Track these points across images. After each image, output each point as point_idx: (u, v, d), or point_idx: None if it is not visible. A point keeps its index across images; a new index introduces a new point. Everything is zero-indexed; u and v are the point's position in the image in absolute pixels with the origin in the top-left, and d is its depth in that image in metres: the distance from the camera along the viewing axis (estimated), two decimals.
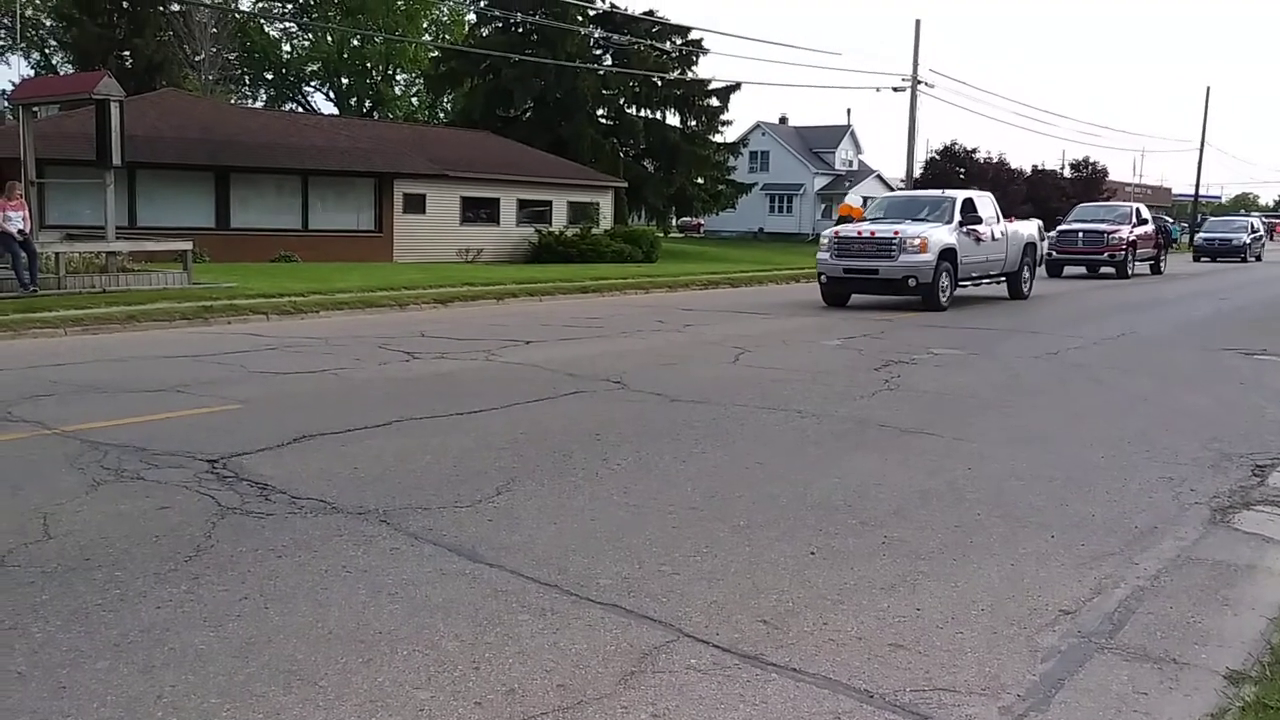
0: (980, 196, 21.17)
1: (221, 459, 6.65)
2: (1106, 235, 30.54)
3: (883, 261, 18.47)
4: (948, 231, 19.02)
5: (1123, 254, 30.40)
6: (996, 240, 20.71)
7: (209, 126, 30.07)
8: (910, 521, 5.69)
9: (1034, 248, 22.71)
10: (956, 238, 19.08)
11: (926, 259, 18.25)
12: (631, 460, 6.93)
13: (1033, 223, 23.66)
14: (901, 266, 18.29)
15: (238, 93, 63.14)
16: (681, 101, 47.36)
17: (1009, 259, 21.34)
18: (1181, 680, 3.85)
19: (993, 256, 20.64)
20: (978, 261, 20.00)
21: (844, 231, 19.51)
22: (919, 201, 21.31)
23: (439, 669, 3.77)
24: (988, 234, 20.30)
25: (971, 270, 19.86)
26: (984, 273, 20.49)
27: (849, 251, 18.98)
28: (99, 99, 18.33)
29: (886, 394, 9.78)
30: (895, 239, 18.39)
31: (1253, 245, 46.39)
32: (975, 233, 19.74)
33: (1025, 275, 22.12)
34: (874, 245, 18.67)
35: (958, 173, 57.37)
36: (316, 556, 4.92)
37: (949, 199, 20.36)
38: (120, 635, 3.99)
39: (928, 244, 18.30)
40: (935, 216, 19.61)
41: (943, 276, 18.57)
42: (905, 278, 18.29)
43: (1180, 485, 6.58)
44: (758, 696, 3.63)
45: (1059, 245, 31.08)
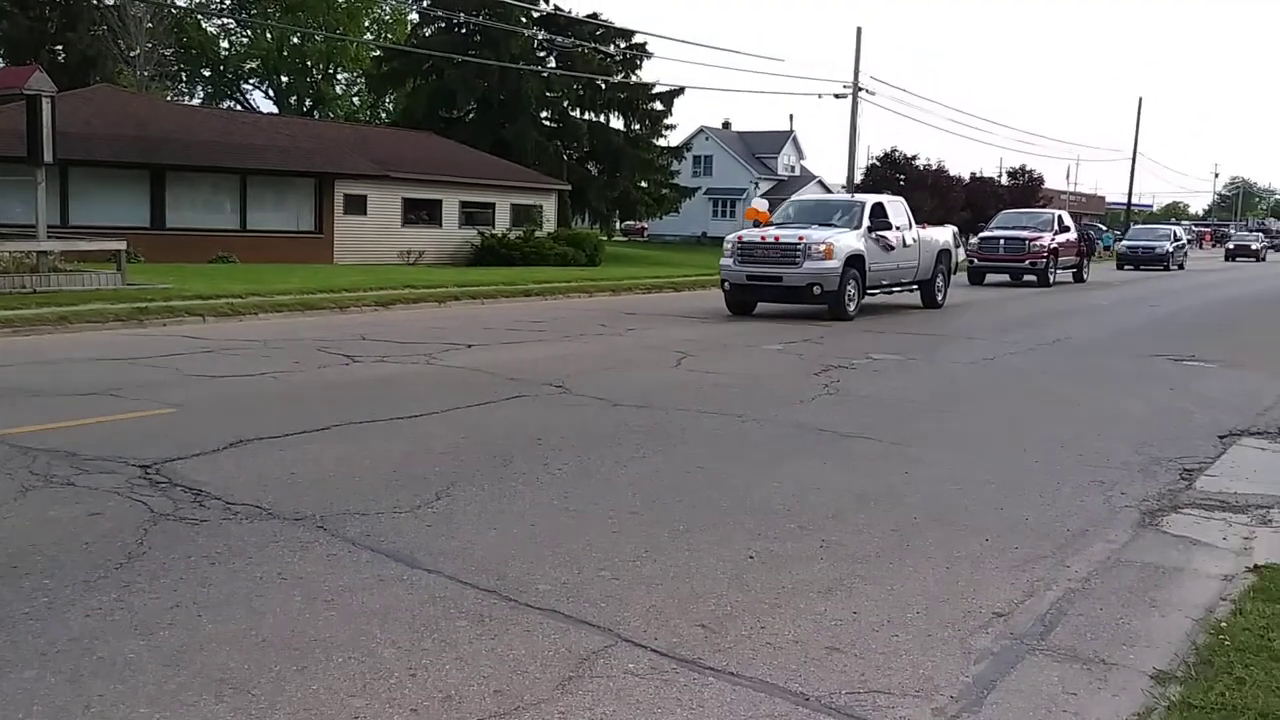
0: (892, 201, 20.47)
1: (155, 464, 6.54)
2: (1028, 242, 30.08)
3: (786, 268, 17.61)
4: (855, 237, 18.27)
5: (1044, 261, 29.94)
6: (908, 247, 19.97)
7: (144, 124, 29.54)
8: (848, 525, 5.75)
9: (948, 255, 21.97)
10: (864, 244, 18.38)
11: (832, 266, 17.42)
12: (572, 465, 6.92)
13: (947, 229, 22.91)
14: (806, 273, 17.46)
15: (174, 89, 62.08)
16: (625, 105, 47.41)
17: (922, 266, 20.62)
18: (1110, 680, 3.93)
19: (904, 264, 19.98)
20: (888, 269, 19.34)
21: (747, 236, 18.48)
22: (828, 206, 20.74)
23: (375, 676, 3.74)
24: (898, 240, 19.57)
25: (881, 278, 19.17)
26: (895, 280, 19.83)
27: (752, 257, 18.13)
28: (30, 94, 17.93)
29: (826, 399, 9.86)
30: (799, 245, 17.51)
31: (1175, 254, 46.18)
32: (885, 239, 18.99)
33: (939, 283, 21.39)
34: (778, 251, 17.80)
35: (898, 179, 58.00)
36: (251, 563, 4.85)
37: (858, 204, 19.60)
38: (48, 644, 3.91)
39: (833, 250, 17.47)
40: (844, 222, 18.84)
41: (849, 284, 17.84)
42: (809, 285, 17.47)
43: (1111, 489, 6.71)
44: (695, 700, 3.64)
45: (980, 252, 30.87)
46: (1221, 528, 5.96)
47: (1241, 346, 15.53)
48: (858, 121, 42.81)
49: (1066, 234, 31.84)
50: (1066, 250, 31.62)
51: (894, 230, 19.45)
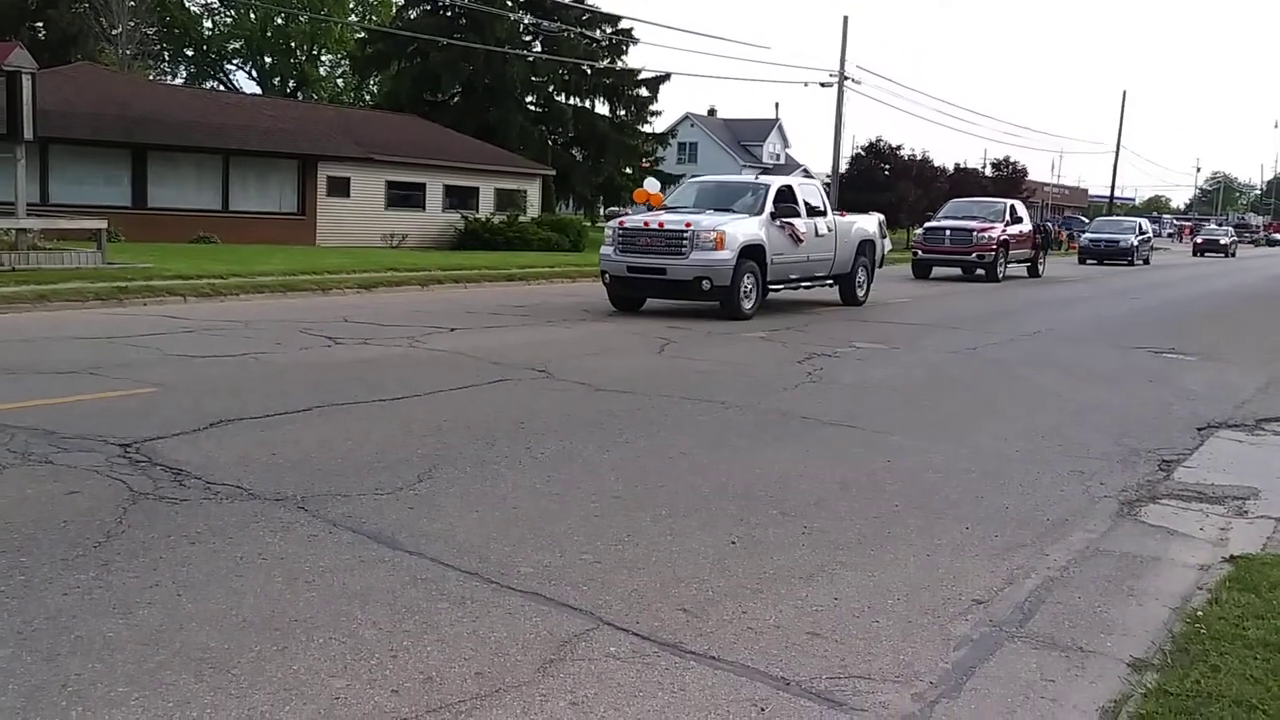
0: (803, 185, 18.34)
1: (135, 443, 6.50)
2: (975, 234, 27.84)
3: (671, 259, 15.39)
4: (756, 225, 16.05)
5: (992, 254, 27.81)
6: (822, 237, 17.65)
7: (126, 102, 29.28)
8: (830, 512, 5.76)
9: (872, 246, 19.63)
10: (766, 232, 16.14)
11: (723, 257, 15.22)
12: (555, 449, 6.92)
13: (872, 217, 20.67)
14: (692, 265, 15.24)
15: (156, 69, 61.51)
16: (611, 91, 47.26)
17: (839, 258, 18.30)
18: (1087, 668, 3.95)
19: (817, 255, 17.68)
20: (796, 261, 17.09)
21: (629, 222, 16.26)
22: (733, 188, 18.06)
23: (356, 657, 3.73)
24: (809, 229, 17.26)
25: (789, 271, 17.03)
26: (806, 274, 17.63)
27: (634, 246, 15.76)
28: (10, 71, 17.76)
29: (810, 386, 9.88)
30: (686, 232, 15.32)
31: (1140, 247, 43.77)
32: (792, 228, 16.77)
33: (861, 278, 19.11)
34: (662, 239, 15.50)
35: (882, 169, 58.02)
36: (231, 543, 4.83)
37: (761, 186, 17.29)
38: (24, 623, 3.89)
39: (725, 239, 15.24)
40: (745, 207, 16.61)
41: (745, 278, 15.61)
42: (697, 279, 15.26)
43: (1090, 479, 6.75)
44: (676, 684, 3.65)
45: (925, 244, 28.70)
46: (1199, 518, 6.00)
47: (1223, 340, 15.62)
48: (843, 110, 42.83)
49: (1019, 225, 29.92)
50: (1019, 242, 29.71)
51: (804, 218, 17.29)
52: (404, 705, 3.41)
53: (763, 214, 16.35)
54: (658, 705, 3.50)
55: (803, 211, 17.26)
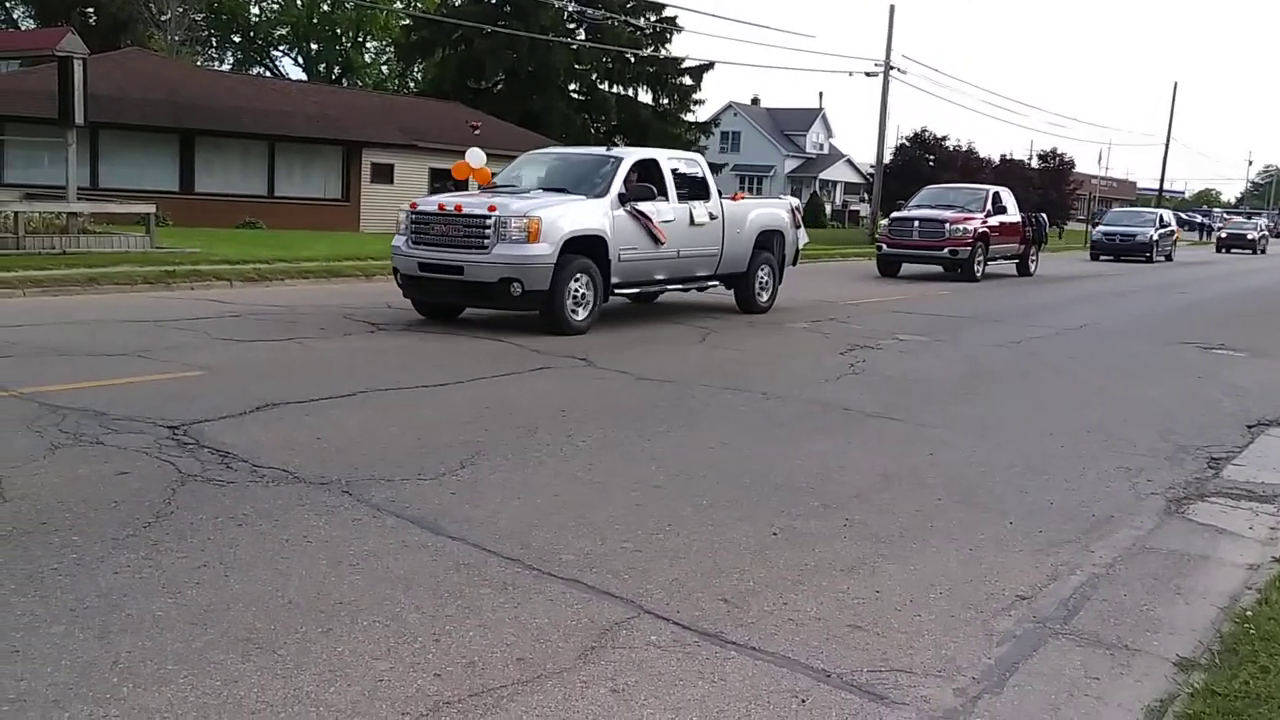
0: (672, 159, 14.11)
1: (182, 425, 6.59)
2: (949, 225, 23.76)
3: (470, 254, 11.60)
4: (596, 210, 12.22)
5: (968, 249, 23.66)
6: (700, 226, 13.71)
7: (174, 88, 29.63)
8: (871, 505, 5.74)
9: (779, 240, 15.65)
10: (611, 220, 12.29)
11: (537, 253, 11.41)
12: (596, 437, 6.93)
13: (783, 202, 17.00)
14: (496, 263, 11.43)
15: (204, 55, 62.14)
16: (654, 79, 47.22)
17: (730, 254, 14.43)
18: (1133, 666, 3.92)
19: (694, 250, 13.72)
20: (660, 258, 13.14)
21: (424, 204, 12.44)
22: (576, 164, 13.76)
23: (399, 640, 3.77)
24: (681, 216, 13.36)
25: (651, 270, 13.14)
26: (678, 274, 13.69)
27: (427, 236, 11.97)
28: (62, 56, 18.01)
29: (851, 378, 9.83)
30: (489, 218, 11.49)
31: (1161, 242, 38.69)
32: (644, 216, 12.67)
33: (763, 278, 15.24)
34: (461, 227, 11.73)
35: (927, 159, 57.58)
36: (277, 526, 4.89)
37: (611, 160, 13.11)
38: (76, 600, 3.96)
39: (540, 228, 11.40)
40: (587, 187, 12.68)
41: (575, 280, 11.79)
42: (504, 281, 11.43)
43: (1137, 476, 6.67)
44: (717, 674, 3.65)
45: (891, 237, 24.68)
46: (1248, 517, 5.92)
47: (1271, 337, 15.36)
48: (888, 100, 42.48)
49: (1003, 215, 25.64)
50: (1004, 235, 25.48)
51: (674, 202, 13.32)
52: (446, 689, 3.44)
53: (607, 196, 12.41)
54: (698, 694, 3.50)
55: (671, 193, 13.31)
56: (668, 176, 13.44)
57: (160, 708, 3.23)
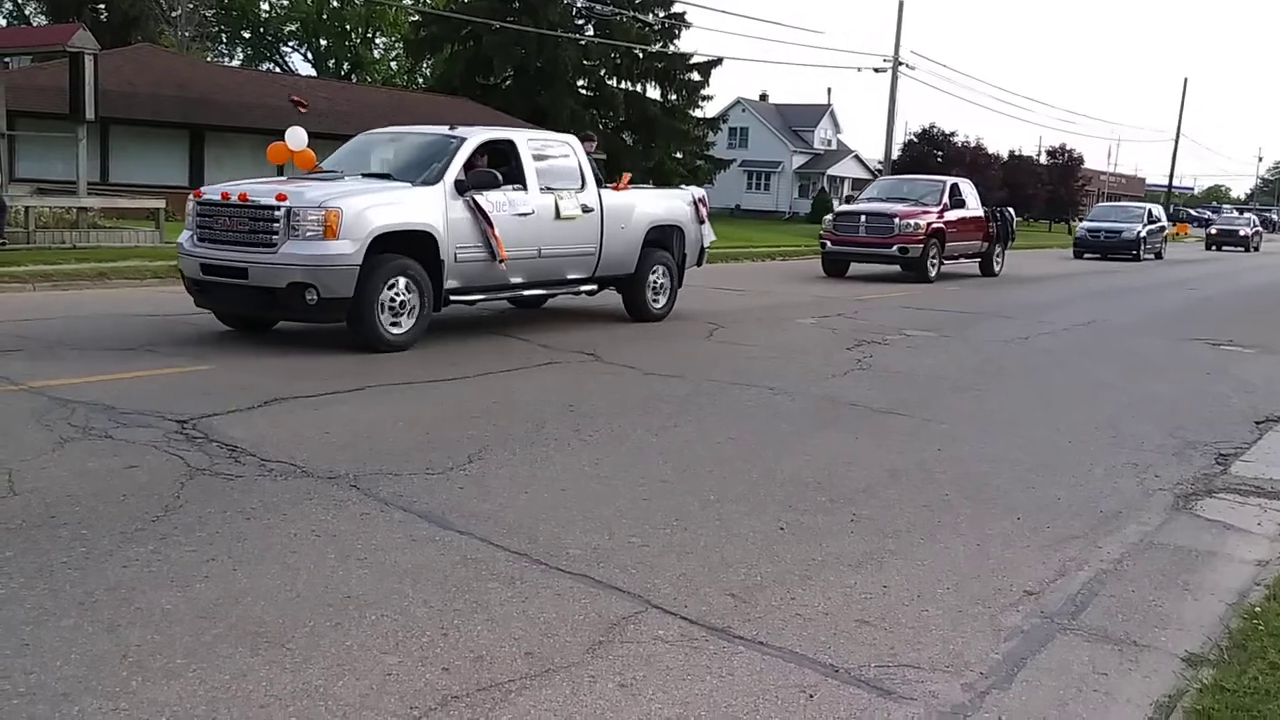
0: (533, 141, 11.86)
1: (191, 420, 6.61)
2: (898, 221, 21.43)
3: (255, 253, 9.49)
4: (422, 200, 10.14)
5: (919, 247, 21.36)
6: (568, 220, 11.55)
7: (184, 84, 29.69)
8: (879, 500, 5.73)
9: (678, 236, 13.52)
10: (444, 213, 10.18)
11: (336, 252, 9.36)
12: (604, 432, 6.94)
13: (682, 194, 14.35)
14: (285, 265, 9.35)
15: (214, 50, 62.31)
16: (662, 75, 47.11)
17: (611, 254, 12.31)
18: (1141, 662, 3.91)
19: (563, 248, 11.61)
20: (518, 257, 10.90)
21: (209, 193, 10.18)
22: (413, 146, 11.51)
23: (407, 634, 3.77)
24: (542, 209, 11.23)
25: (505, 273, 10.82)
26: (537, 277, 11.51)
27: (212, 231, 9.90)
28: (73, 52, 18.06)
29: (859, 373, 9.82)
30: (278, 209, 9.46)
31: (1149, 239, 36.23)
32: (480, 211, 10.42)
33: (657, 281, 13.19)
34: (247, 221, 9.64)
35: (935, 155, 57.52)
36: (286, 520, 4.90)
37: (453, 142, 10.95)
38: (85, 593, 3.97)
39: (339, 221, 9.35)
40: (418, 173, 10.57)
41: (392, 287, 9.72)
42: (295, 287, 9.35)
43: (1145, 471, 6.66)
44: (724, 668, 3.66)
45: (835, 233, 22.26)
46: (1256, 513, 5.90)
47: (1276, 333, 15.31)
48: (897, 96, 42.40)
49: (962, 210, 23.26)
50: (963, 231, 23.15)
51: (531, 191, 11.19)
52: (455, 683, 3.45)
53: (440, 184, 10.30)
54: (706, 689, 3.51)
55: (531, 181, 11.23)
56: (527, 161, 11.30)
57: (169, 701, 3.24)
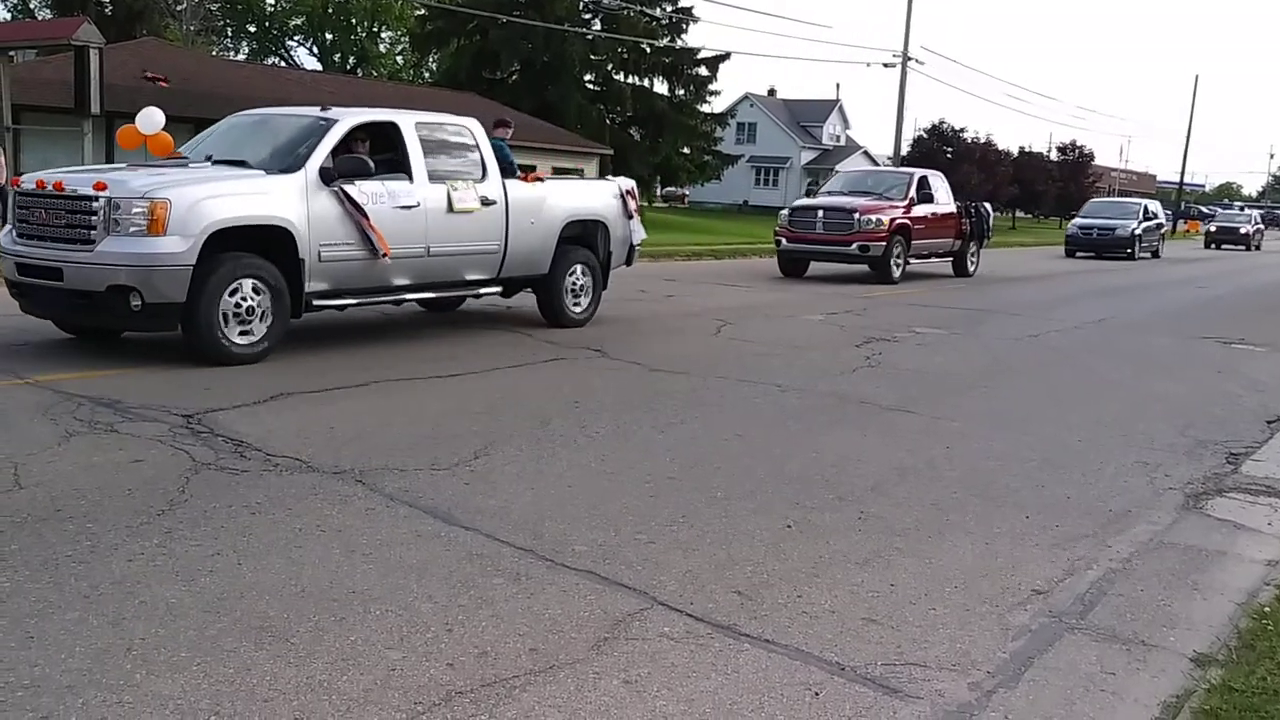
0: (422, 125, 10.43)
1: (196, 414, 6.60)
2: (858, 216, 19.61)
3: (72, 250, 8.33)
4: (278, 190, 8.82)
5: (882, 245, 19.53)
6: (464, 214, 10.21)
7: (189, 78, 29.66)
8: (887, 498, 5.71)
9: (602, 233, 12.11)
10: (305, 205, 8.85)
11: (163, 250, 8.14)
12: (610, 428, 6.92)
13: (606, 185, 12.88)
14: (104, 264, 8.16)
15: (219, 44, 62.36)
16: (670, 70, 47.03)
17: (518, 252, 10.89)
18: (1149, 661, 3.89)
19: (451, 246, 10.16)
20: (402, 257, 9.59)
21: (27, 181, 9.00)
22: (278, 129, 10.18)
23: (412, 630, 3.76)
24: (430, 202, 9.89)
25: (385, 273, 9.58)
26: (426, 277, 10.09)
27: (29, 225, 8.79)
28: (78, 45, 18.06)
29: (867, 370, 9.79)
30: (95, 200, 8.27)
31: (1145, 237, 34.41)
32: (351, 203, 9.13)
33: (577, 283, 11.72)
34: (63, 214, 8.46)
35: (945, 151, 57.42)
36: (291, 514, 4.89)
37: (323, 124, 9.70)
38: (90, 587, 3.96)
39: (167, 214, 8.16)
40: (278, 160, 9.19)
41: (235, 292, 8.47)
42: (115, 291, 8.14)
43: (1155, 470, 6.62)
44: (730, 666, 3.64)
45: (791, 229, 20.38)
46: (1267, 513, 5.87)
47: None
48: (906, 92, 42.30)
49: (930, 205, 21.40)
50: (932, 228, 21.28)
51: (418, 181, 9.89)
52: (459, 679, 3.43)
53: (301, 171, 8.97)
54: (711, 686, 3.49)
55: (418, 170, 9.92)
56: (413, 147, 10.00)
57: (174, 694, 3.23)
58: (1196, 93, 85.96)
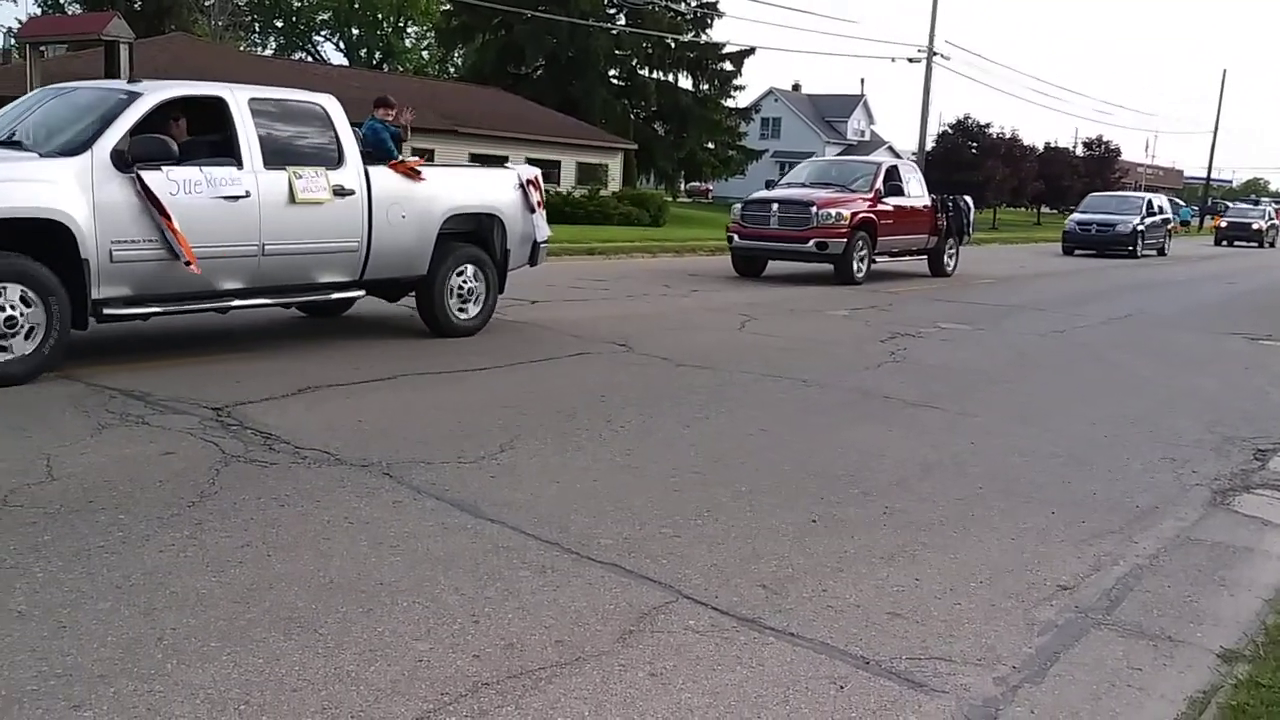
0: (257, 99, 8.71)
1: (226, 407, 6.66)
2: (816, 210, 17.63)
3: None
4: (50, 175, 7.33)
5: (842, 242, 17.61)
6: (311, 205, 8.70)
7: (217, 73, 29.85)
8: (912, 493, 5.70)
9: (498, 228, 10.57)
10: (86, 194, 7.38)
11: None
12: (635, 423, 6.93)
13: (503, 174, 11.08)
14: None
15: (247, 40, 62.75)
16: (694, 64, 46.99)
17: (385, 250, 9.36)
18: (1176, 657, 3.87)
19: (296, 244, 8.66)
20: (225, 256, 8.16)
21: None
22: (77, 105, 8.39)
23: (438, 621, 3.79)
24: (264, 192, 8.39)
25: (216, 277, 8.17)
26: (265, 280, 8.58)
27: None
28: (108, 40, 18.24)
29: (892, 366, 9.77)
30: None
31: (1148, 233, 32.73)
32: (149, 193, 7.62)
33: (464, 285, 10.19)
34: None
35: (969, 146, 57.11)
36: (319, 506, 4.93)
37: (124, 98, 8.06)
38: (122, 577, 4.01)
39: None
40: (61, 140, 7.78)
41: None
42: None
43: (1182, 466, 6.59)
44: (755, 659, 3.65)
45: (743, 225, 18.45)
46: None
47: None
48: (931, 87, 42.08)
49: (899, 198, 19.40)
50: (901, 223, 19.32)
51: (249, 166, 8.35)
52: (485, 670, 3.46)
53: (86, 153, 7.51)
54: (736, 679, 3.50)
55: (250, 154, 8.38)
56: (243, 128, 8.43)
57: (204, 684, 3.27)
58: (1224, 87, 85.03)
